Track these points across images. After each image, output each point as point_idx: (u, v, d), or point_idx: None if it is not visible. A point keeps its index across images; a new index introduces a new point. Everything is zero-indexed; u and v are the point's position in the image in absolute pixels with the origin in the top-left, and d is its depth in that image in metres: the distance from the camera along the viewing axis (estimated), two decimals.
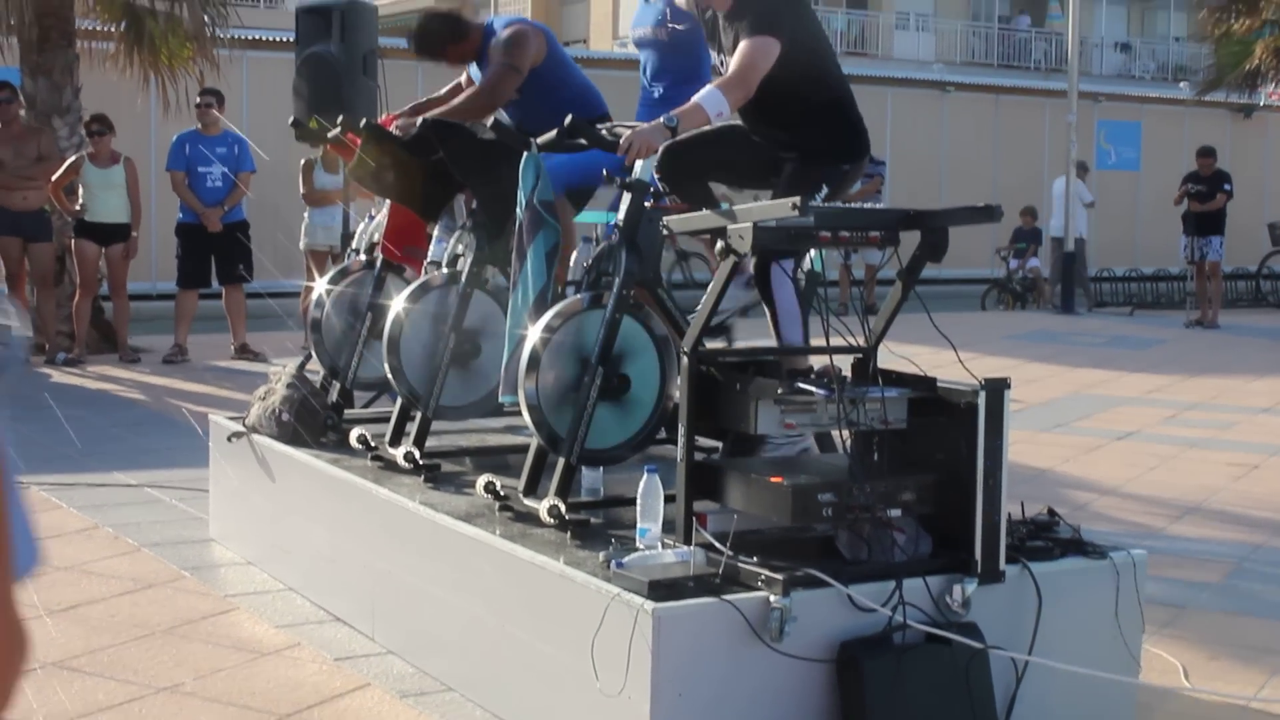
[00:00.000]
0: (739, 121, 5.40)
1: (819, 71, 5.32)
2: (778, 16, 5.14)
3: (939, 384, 4.41)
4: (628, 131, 4.99)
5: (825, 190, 5.14)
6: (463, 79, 7.00)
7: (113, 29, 14.64)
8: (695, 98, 5.00)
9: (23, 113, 13.30)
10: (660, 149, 5.00)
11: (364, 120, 6.60)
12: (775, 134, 5.33)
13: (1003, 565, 4.34)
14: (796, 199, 4.09)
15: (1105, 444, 9.72)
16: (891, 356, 4.68)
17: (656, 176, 5.18)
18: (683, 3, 5.73)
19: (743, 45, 5.08)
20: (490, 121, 6.55)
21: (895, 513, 4.29)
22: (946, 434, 4.35)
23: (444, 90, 7.06)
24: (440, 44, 6.65)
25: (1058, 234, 21.73)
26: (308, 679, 5.01)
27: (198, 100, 13.30)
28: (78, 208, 12.86)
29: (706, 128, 5.17)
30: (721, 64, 5.46)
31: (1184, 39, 43.78)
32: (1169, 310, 21.31)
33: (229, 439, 6.68)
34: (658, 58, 6.34)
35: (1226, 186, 18.98)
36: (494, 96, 6.48)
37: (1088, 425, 10.52)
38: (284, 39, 19.46)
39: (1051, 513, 4.99)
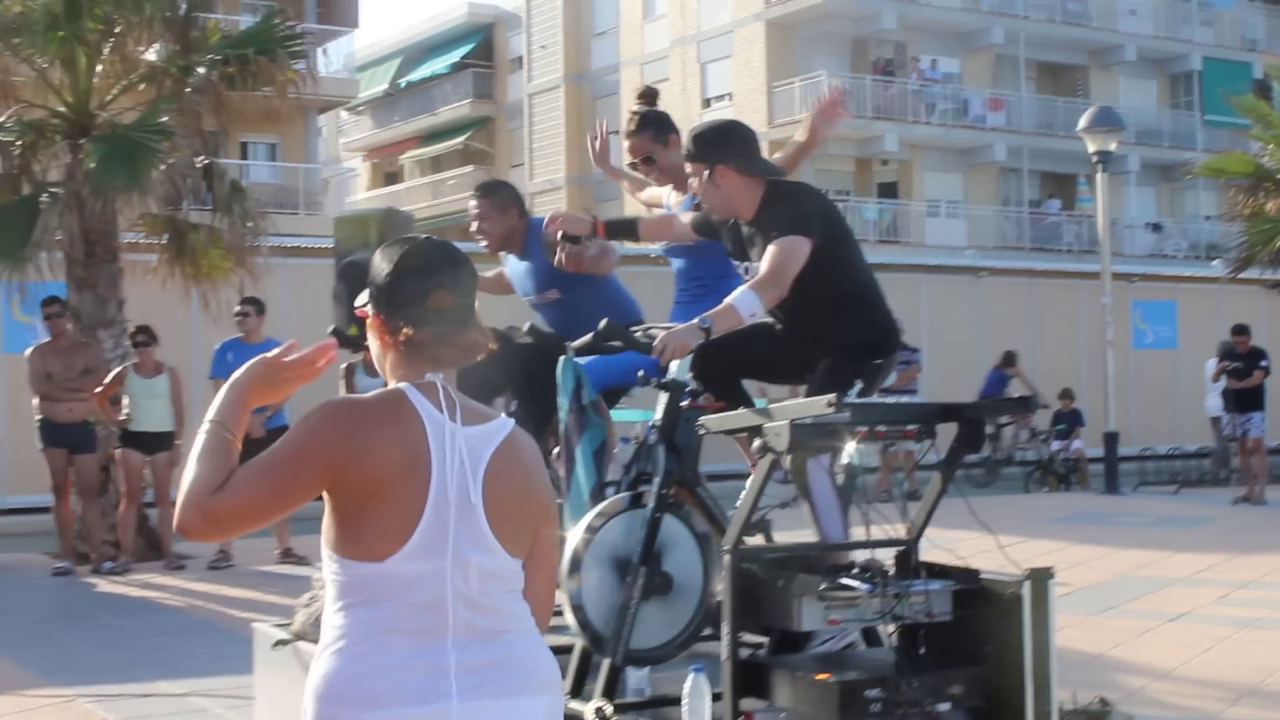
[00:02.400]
0: (771, 320, 5.46)
1: (848, 269, 5.39)
2: (808, 217, 5.21)
3: (982, 575, 4.40)
4: (662, 333, 5.05)
5: (859, 385, 5.18)
6: (491, 273, 7.11)
7: (155, 242, 14.90)
8: (729, 299, 5.07)
9: (70, 326, 13.52)
10: (694, 349, 5.06)
11: None
12: (807, 331, 5.39)
13: None
14: (831, 396, 4.13)
15: (1157, 626, 9.60)
16: (934, 547, 4.67)
17: (691, 377, 5.23)
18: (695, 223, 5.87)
19: (774, 246, 5.15)
20: (527, 326, 6.66)
21: (944, 706, 4.25)
22: (992, 625, 4.32)
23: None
24: (510, 201, 6.83)
25: (1214, 413, 21.72)
26: None
27: (236, 310, 13.48)
28: (122, 417, 13.00)
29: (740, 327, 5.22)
30: (745, 270, 5.54)
31: (1214, 218, 44.00)
32: (1214, 487, 21.15)
33: (273, 646, 6.66)
34: (689, 259, 6.43)
35: (1263, 363, 19.01)
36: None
37: (1138, 607, 10.39)
38: (323, 245, 19.72)
39: (1104, 701, 4.94)
